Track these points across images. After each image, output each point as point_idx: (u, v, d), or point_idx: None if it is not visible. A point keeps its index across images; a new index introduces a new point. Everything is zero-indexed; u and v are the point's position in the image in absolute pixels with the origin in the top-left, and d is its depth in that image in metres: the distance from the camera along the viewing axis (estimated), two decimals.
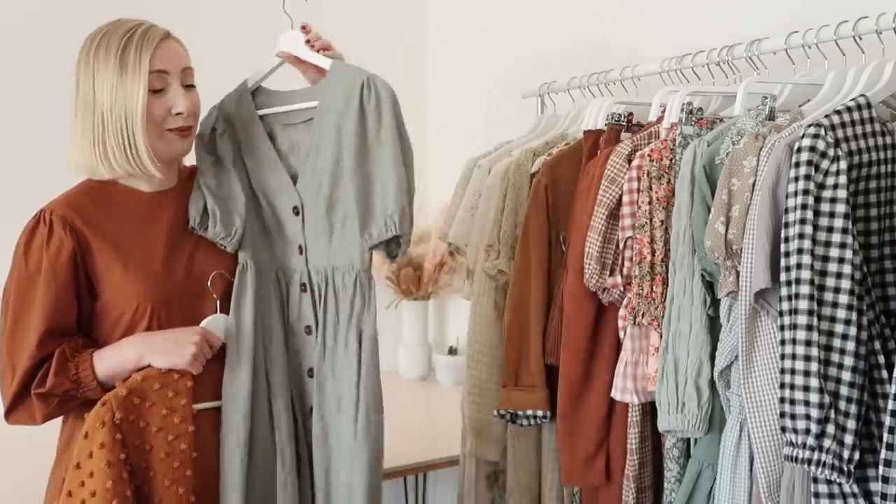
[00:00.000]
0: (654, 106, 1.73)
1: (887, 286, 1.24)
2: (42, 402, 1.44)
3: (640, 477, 1.61)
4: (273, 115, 1.66)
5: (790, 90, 1.57)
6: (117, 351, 1.47)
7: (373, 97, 1.57)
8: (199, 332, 1.50)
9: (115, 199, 1.53)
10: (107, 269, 1.48)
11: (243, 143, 1.66)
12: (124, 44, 1.45)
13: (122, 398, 1.41)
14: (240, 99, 1.66)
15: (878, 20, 1.41)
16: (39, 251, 1.45)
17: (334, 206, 1.61)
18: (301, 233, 1.64)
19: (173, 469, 1.44)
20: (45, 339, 1.44)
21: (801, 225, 1.19)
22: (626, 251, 1.61)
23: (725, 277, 1.35)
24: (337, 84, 1.60)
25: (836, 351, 1.17)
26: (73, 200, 1.51)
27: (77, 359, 1.45)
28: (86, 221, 1.48)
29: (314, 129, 1.62)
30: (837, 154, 1.19)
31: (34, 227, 1.47)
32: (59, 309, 1.45)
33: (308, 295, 1.64)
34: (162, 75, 1.48)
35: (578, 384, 1.68)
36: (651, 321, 1.54)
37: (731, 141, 1.41)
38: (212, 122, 1.64)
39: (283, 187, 1.64)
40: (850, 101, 1.26)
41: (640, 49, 2.15)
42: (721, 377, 1.41)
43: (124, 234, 1.51)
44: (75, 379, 1.43)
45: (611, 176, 1.63)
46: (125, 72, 1.44)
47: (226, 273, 1.58)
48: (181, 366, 1.46)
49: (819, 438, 1.16)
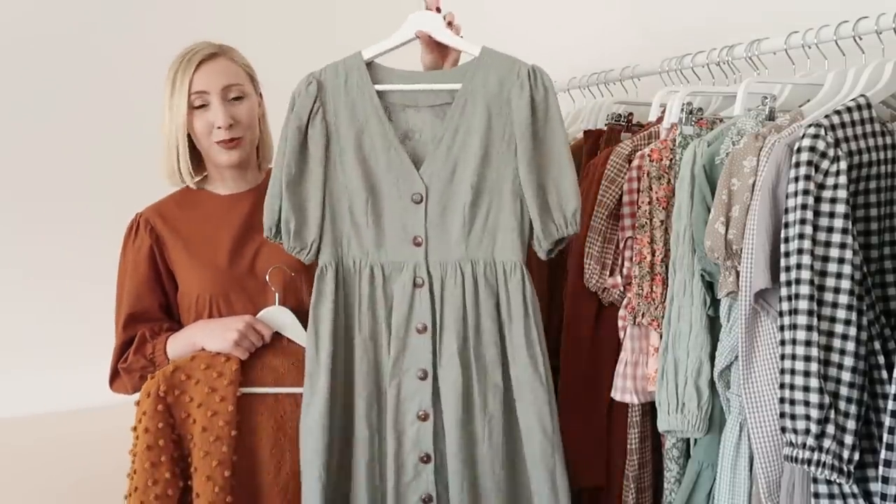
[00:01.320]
0: (654, 106, 1.73)
1: (887, 286, 1.24)
2: (127, 376, 1.67)
3: (640, 477, 1.61)
4: (391, 93, 1.52)
5: (790, 90, 1.57)
6: (184, 334, 1.65)
7: (540, 87, 1.47)
8: (247, 319, 1.60)
9: (196, 202, 1.73)
10: (177, 261, 1.68)
11: (349, 122, 1.50)
12: (175, 68, 1.65)
13: (169, 374, 1.57)
14: (350, 72, 1.51)
15: (878, 20, 1.41)
16: (128, 249, 1.71)
17: (479, 195, 1.48)
18: (422, 223, 1.49)
19: (209, 443, 1.54)
20: (129, 322, 1.68)
21: (801, 225, 1.18)
22: (626, 251, 1.61)
23: (725, 277, 1.35)
24: (489, 71, 1.48)
25: (835, 351, 1.17)
26: (160, 204, 1.74)
27: (155, 340, 1.65)
28: (165, 221, 1.70)
29: (453, 112, 1.49)
30: (837, 154, 1.19)
31: (128, 229, 1.72)
32: (138, 297, 1.68)
33: (425, 290, 1.48)
34: (202, 95, 1.64)
35: (578, 384, 1.68)
36: (651, 321, 1.54)
37: (731, 141, 1.41)
38: (309, 107, 1.49)
39: (403, 173, 1.49)
40: (850, 102, 1.26)
41: (640, 49, 2.15)
42: (721, 377, 1.41)
43: (195, 231, 1.69)
44: (151, 358, 1.64)
45: (611, 176, 1.63)
46: (174, 93, 1.64)
47: (285, 267, 1.63)
48: (225, 349, 1.58)
49: (819, 439, 1.16)
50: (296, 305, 1.65)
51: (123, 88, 2.52)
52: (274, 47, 1.78)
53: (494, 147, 1.48)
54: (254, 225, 1.66)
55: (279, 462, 1.59)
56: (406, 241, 1.50)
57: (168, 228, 1.69)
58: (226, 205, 1.72)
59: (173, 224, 1.70)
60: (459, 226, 1.48)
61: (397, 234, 1.50)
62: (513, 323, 1.47)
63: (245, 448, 1.59)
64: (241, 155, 1.68)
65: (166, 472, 1.53)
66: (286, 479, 1.59)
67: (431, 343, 1.48)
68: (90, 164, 2.51)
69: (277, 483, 1.59)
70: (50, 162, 2.49)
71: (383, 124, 1.49)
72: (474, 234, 1.48)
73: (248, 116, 1.68)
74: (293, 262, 1.61)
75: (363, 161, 1.50)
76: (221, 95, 1.64)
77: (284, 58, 1.92)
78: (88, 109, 2.51)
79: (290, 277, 1.65)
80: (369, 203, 1.50)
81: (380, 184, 1.50)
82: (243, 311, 1.64)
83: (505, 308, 1.48)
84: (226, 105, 1.64)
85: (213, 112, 1.64)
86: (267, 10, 2.84)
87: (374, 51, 1.52)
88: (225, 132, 1.64)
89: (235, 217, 1.70)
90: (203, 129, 1.64)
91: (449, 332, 1.47)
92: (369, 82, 1.50)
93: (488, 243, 1.49)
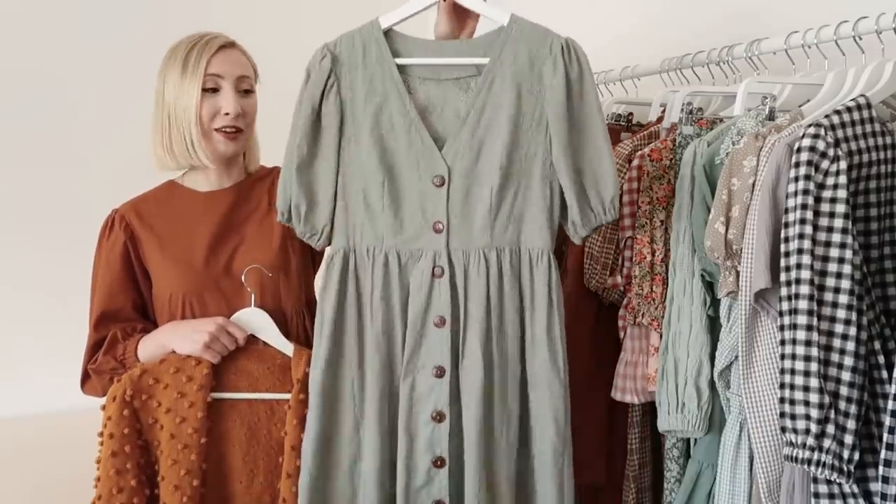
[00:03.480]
0: (654, 106, 1.73)
1: (887, 286, 1.24)
2: (97, 378, 1.60)
3: (640, 477, 1.61)
4: (411, 66, 1.42)
5: (790, 90, 1.57)
6: (155, 336, 1.59)
7: (575, 64, 1.38)
8: (219, 321, 1.54)
9: (175, 198, 1.66)
10: (151, 259, 1.62)
11: (366, 99, 1.40)
12: (189, 49, 1.59)
13: (137, 377, 1.51)
14: (368, 44, 1.41)
15: (878, 20, 1.41)
16: (102, 246, 1.65)
17: (508, 178, 1.38)
18: (444, 207, 1.39)
19: (177, 450, 1.49)
20: (101, 321, 1.61)
21: (801, 225, 1.18)
22: (626, 251, 1.61)
23: (725, 277, 1.35)
24: (518, 43, 1.39)
25: (835, 351, 1.17)
26: (138, 200, 1.67)
27: (126, 342, 1.59)
28: (141, 218, 1.63)
29: (479, 88, 1.39)
30: (837, 154, 1.19)
31: (104, 226, 1.66)
32: (111, 296, 1.62)
33: (445, 280, 1.39)
34: (216, 78, 1.58)
35: (578, 384, 1.68)
36: (651, 321, 1.54)
37: (731, 141, 1.41)
38: (322, 83, 1.40)
39: (424, 153, 1.40)
40: (850, 101, 1.26)
41: (640, 49, 2.15)
42: (721, 377, 1.41)
43: (171, 228, 1.63)
44: (121, 359, 1.58)
45: None
46: (186, 72, 1.57)
47: (262, 268, 1.58)
48: (194, 352, 1.53)
49: (819, 438, 1.16)
50: (274, 307, 1.60)
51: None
52: (264, 48, 1.74)
53: (524, 127, 1.39)
54: (232, 224, 1.64)
55: (252, 471, 1.54)
56: (426, 227, 1.40)
57: (143, 225, 1.63)
58: (204, 202, 1.66)
59: (149, 221, 1.64)
60: (485, 211, 1.39)
61: (416, 219, 1.40)
62: (535, 313, 1.39)
63: (216, 456, 1.53)
64: (236, 148, 1.63)
65: (132, 480, 1.48)
66: (259, 489, 1.53)
67: (451, 338, 1.38)
68: (81, 166, 2.51)
69: (250, 493, 1.53)
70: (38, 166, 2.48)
71: (404, 101, 1.39)
72: (500, 219, 1.39)
73: (252, 112, 1.65)
74: (271, 262, 1.59)
75: (380, 140, 1.40)
76: (235, 84, 1.60)
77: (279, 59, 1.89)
78: None
79: (268, 278, 1.60)
80: (385, 185, 1.40)
81: (398, 165, 1.40)
82: (217, 312, 1.58)
83: (528, 298, 1.39)
84: (237, 94, 1.60)
85: (223, 98, 1.59)
86: (260, 8, 2.84)
87: (393, 18, 1.42)
88: (232, 120, 1.59)
89: (213, 215, 1.65)
90: (208, 114, 1.59)
91: (472, 327, 1.38)
92: (389, 55, 1.40)
93: (514, 230, 1.40)
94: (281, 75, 1.74)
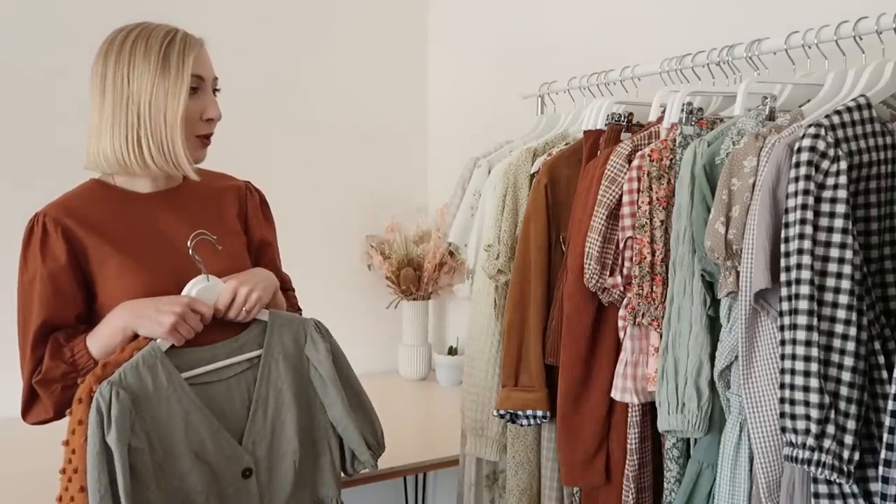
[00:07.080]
0: (654, 106, 1.73)
1: (887, 286, 1.24)
2: (45, 391, 1.44)
3: (640, 477, 1.61)
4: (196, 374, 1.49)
5: (790, 90, 1.57)
6: (107, 324, 1.45)
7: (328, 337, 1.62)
8: (185, 300, 1.45)
9: (112, 199, 1.53)
10: (102, 264, 1.48)
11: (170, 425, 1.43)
12: (167, 44, 1.45)
13: (101, 373, 1.39)
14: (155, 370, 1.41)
15: (879, 20, 1.41)
16: (35, 255, 1.46)
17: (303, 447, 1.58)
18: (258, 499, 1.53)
19: None
20: (40, 336, 1.45)
21: (802, 225, 1.18)
22: (626, 251, 1.61)
23: (725, 277, 1.35)
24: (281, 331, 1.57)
25: (836, 351, 1.17)
26: (66, 202, 1.51)
27: (72, 342, 1.45)
28: (79, 221, 1.47)
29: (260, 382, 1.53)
30: (838, 154, 1.19)
31: (29, 231, 1.48)
32: (55, 308, 1.46)
33: None
34: (197, 79, 1.49)
35: (578, 384, 1.68)
36: (651, 321, 1.54)
37: (732, 141, 1.41)
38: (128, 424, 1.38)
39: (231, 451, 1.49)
40: (851, 102, 1.26)
41: (640, 49, 2.15)
42: (721, 377, 1.41)
43: (120, 231, 1.50)
44: (72, 361, 1.44)
45: (611, 176, 1.63)
46: (167, 71, 1.44)
47: (211, 238, 1.50)
48: (160, 335, 1.42)
49: (819, 439, 1.16)
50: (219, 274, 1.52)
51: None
52: None
53: (305, 398, 1.58)
54: (183, 225, 1.53)
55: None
56: None
57: (84, 228, 1.47)
58: (150, 202, 1.54)
59: (90, 224, 1.47)
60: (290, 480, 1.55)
61: None
62: None
63: None
64: (205, 155, 1.54)
65: None
66: None
67: None
68: None
69: None
70: None
71: (203, 412, 1.45)
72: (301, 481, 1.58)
73: None
74: (228, 267, 1.54)
75: (198, 456, 1.45)
76: (213, 86, 1.53)
77: None
78: None
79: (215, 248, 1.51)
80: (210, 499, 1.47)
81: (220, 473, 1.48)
82: None
83: None
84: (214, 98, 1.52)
85: (206, 102, 1.50)
86: None
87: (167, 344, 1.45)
88: (213, 126, 1.52)
89: (163, 216, 1.53)
90: (191, 118, 1.48)
91: None
92: (177, 373, 1.44)
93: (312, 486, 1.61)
94: None
